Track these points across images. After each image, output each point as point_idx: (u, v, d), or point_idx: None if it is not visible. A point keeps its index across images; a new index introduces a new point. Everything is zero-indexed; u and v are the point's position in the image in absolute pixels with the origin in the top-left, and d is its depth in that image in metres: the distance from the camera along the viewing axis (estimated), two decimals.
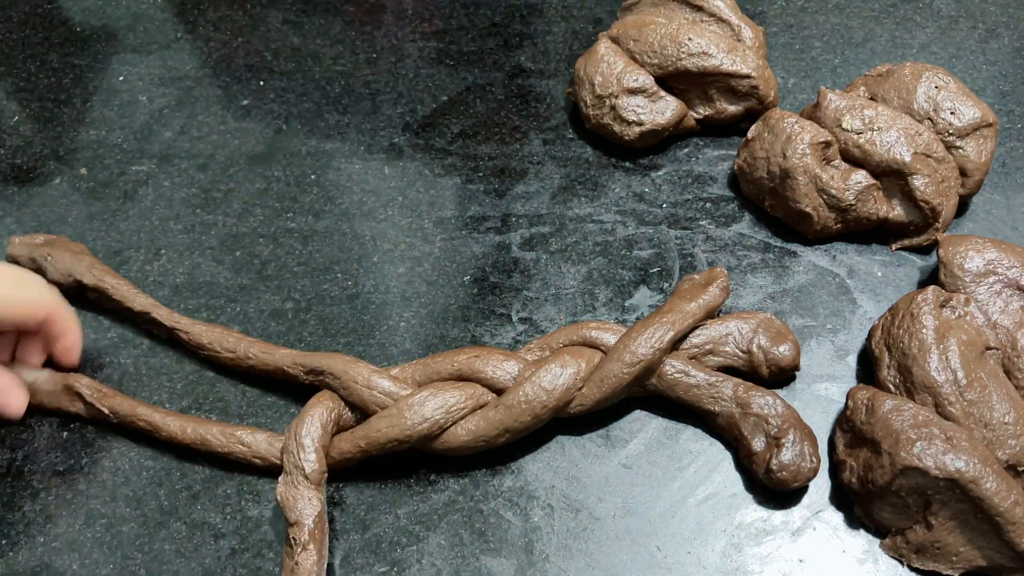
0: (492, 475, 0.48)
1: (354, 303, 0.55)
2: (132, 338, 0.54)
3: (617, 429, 0.49)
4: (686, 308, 0.48)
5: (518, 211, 0.59)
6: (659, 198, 0.59)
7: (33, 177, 0.62)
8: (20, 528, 0.47)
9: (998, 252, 0.50)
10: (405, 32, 0.71)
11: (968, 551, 0.43)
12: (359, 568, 0.45)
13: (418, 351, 0.53)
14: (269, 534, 0.47)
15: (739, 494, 0.47)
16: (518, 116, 0.65)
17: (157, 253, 0.58)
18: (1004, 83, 0.65)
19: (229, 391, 0.52)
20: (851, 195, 0.54)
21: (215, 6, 0.74)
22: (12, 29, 0.73)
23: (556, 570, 0.45)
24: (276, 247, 0.58)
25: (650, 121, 0.59)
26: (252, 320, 0.55)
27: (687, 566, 0.45)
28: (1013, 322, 0.48)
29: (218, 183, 0.62)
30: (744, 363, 0.49)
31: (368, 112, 0.66)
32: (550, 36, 0.70)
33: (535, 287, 0.56)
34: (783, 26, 0.69)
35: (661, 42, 0.59)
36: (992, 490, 0.41)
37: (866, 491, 0.44)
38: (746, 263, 0.56)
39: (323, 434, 0.45)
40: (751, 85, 0.59)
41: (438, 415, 0.46)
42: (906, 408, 0.44)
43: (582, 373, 0.47)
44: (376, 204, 0.60)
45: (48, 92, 0.68)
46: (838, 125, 0.54)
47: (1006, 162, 0.60)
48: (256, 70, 0.69)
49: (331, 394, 0.47)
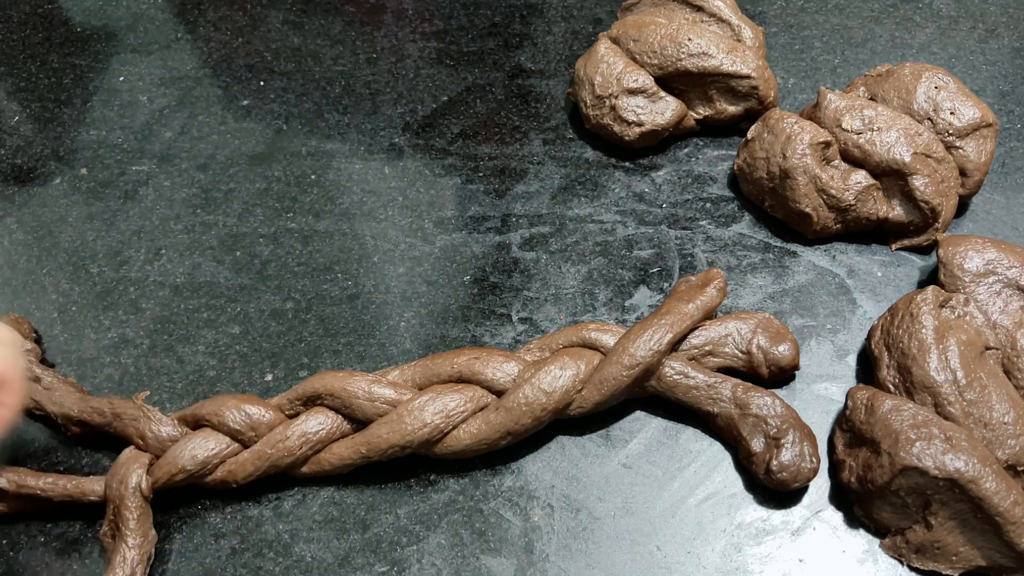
0: (492, 475, 0.48)
1: (354, 303, 0.55)
2: (132, 338, 0.54)
3: (617, 429, 0.49)
4: (684, 310, 0.48)
5: (518, 211, 0.59)
6: (659, 198, 0.59)
7: (33, 177, 0.62)
8: (20, 529, 0.47)
9: (998, 252, 0.50)
10: (405, 32, 0.71)
11: (968, 551, 0.43)
12: (359, 568, 0.45)
13: (418, 351, 0.53)
14: (269, 534, 0.47)
15: (739, 494, 0.47)
16: (518, 116, 0.65)
17: (157, 253, 0.58)
18: (1004, 83, 0.65)
19: (230, 391, 0.52)
20: (851, 195, 0.54)
21: (215, 6, 0.74)
22: (12, 29, 0.73)
23: (556, 570, 0.45)
24: (276, 247, 0.58)
25: (650, 121, 0.59)
26: (252, 320, 0.55)
27: (687, 566, 0.45)
28: (1013, 322, 0.48)
29: (218, 183, 0.62)
30: (744, 363, 0.49)
31: (368, 112, 0.66)
32: (550, 36, 0.70)
33: (535, 287, 0.56)
34: (783, 26, 0.69)
35: (661, 42, 0.59)
36: (991, 490, 0.41)
37: (866, 491, 0.44)
38: (746, 263, 0.56)
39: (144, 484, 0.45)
40: (751, 85, 0.59)
41: (438, 419, 0.46)
42: (906, 408, 0.44)
43: (581, 375, 0.47)
44: (376, 204, 0.60)
45: (48, 92, 0.68)
46: (838, 125, 0.54)
47: (1006, 162, 0.60)
48: (256, 70, 0.69)
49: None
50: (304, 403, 0.48)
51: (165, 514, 0.47)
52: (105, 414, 0.48)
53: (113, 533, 0.44)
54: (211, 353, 0.53)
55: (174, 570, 0.46)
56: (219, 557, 0.46)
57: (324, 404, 0.47)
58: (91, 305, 0.56)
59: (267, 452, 0.46)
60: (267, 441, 0.46)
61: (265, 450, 0.46)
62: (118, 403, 0.48)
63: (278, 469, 0.46)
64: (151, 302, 0.56)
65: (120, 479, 0.45)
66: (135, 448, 0.47)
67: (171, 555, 0.46)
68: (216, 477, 0.46)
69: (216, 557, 0.46)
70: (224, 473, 0.46)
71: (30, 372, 0.49)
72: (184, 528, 0.47)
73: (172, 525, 0.47)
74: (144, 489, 0.45)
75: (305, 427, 0.46)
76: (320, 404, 0.47)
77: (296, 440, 0.46)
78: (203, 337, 0.54)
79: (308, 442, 0.46)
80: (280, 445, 0.46)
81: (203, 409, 0.47)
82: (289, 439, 0.46)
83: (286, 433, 0.46)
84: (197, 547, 0.46)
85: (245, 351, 0.53)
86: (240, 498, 0.48)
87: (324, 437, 0.47)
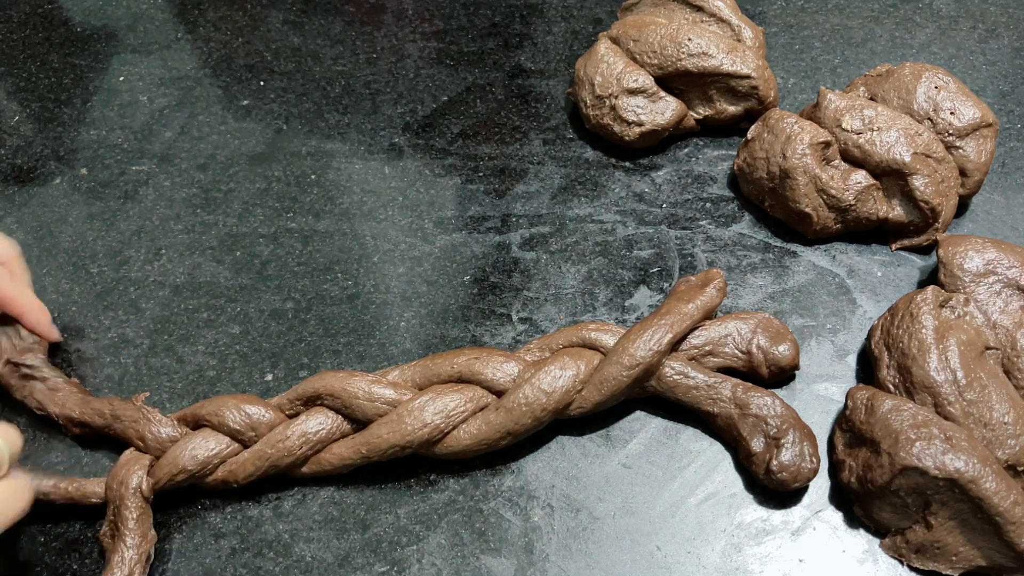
0: (492, 475, 0.48)
1: (354, 303, 0.55)
2: (132, 338, 0.54)
3: (617, 429, 0.49)
4: (684, 310, 0.48)
5: (518, 211, 0.59)
6: (659, 198, 0.59)
7: (33, 177, 0.62)
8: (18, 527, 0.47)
9: (998, 252, 0.50)
10: (405, 32, 0.71)
11: (968, 551, 0.43)
12: (359, 568, 0.45)
13: (418, 351, 0.53)
14: (269, 534, 0.47)
15: (739, 494, 0.47)
16: (518, 116, 0.65)
17: (157, 253, 0.58)
18: (1004, 83, 0.65)
19: (230, 391, 0.52)
20: (851, 195, 0.54)
21: (215, 6, 0.74)
22: (12, 29, 0.73)
23: (556, 570, 0.45)
24: (276, 247, 0.58)
25: (650, 121, 0.59)
26: (252, 320, 0.55)
27: (687, 566, 0.45)
28: (1013, 322, 0.48)
29: (218, 183, 0.62)
30: (744, 363, 0.49)
31: (368, 112, 0.66)
32: (550, 36, 0.70)
33: (535, 287, 0.56)
34: (783, 26, 0.69)
35: (661, 42, 0.59)
36: (991, 490, 0.41)
37: (865, 491, 0.44)
38: (746, 263, 0.56)
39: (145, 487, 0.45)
40: (751, 85, 0.59)
41: (438, 419, 0.46)
42: (905, 408, 0.44)
43: (581, 375, 0.47)
44: (376, 204, 0.60)
45: (48, 92, 0.68)
46: (838, 125, 0.54)
47: (1006, 162, 0.60)
48: (256, 70, 0.69)
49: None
50: (304, 403, 0.48)
51: (165, 514, 0.47)
52: (105, 416, 0.48)
53: (113, 533, 0.44)
54: (211, 353, 0.53)
55: (174, 570, 0.46)
56: (219, 557, 0.46)
57: (324, 404, 0.47)
58: (91, 305, 0.56)
59: (267, 452, 0.46)
60: (267, 441, 0.46)
61: (265, 450, 0.46)
62: (118, 404, 0.48)
63: (278, 469, 0.46)
64: (151, 302, 0.56)
65: (120, 480, 0.45)
66: (135, 450, 0.47)
67: (171, 555, 0.46)
68: (216, 477, 0.46)
69: (216, 557, 0.46)
70: (224, 473, 0.46)
71: (37, 372, 0.50)
72: (184, 528, 0.47)
73: (172, 525, 0.47)
74: (144, 490, 0.45)
75: (305, 427, 0.46)
76: (320, 404, 0.47)
77: (296, 440, 0.46)
78: (203, 337, 0.54)
79: (308, 442, 0.46)
80: (280, 445, 0.46)
81: (203, 409, 0.47)
82: (289, 439, 0.46)
83: (286, 433, 0.46)
84: (197, 547, 0.46)
85: (245, 351, 0.53)
86: (240, 498, 0.48)
87: (324, 437, 0.47)
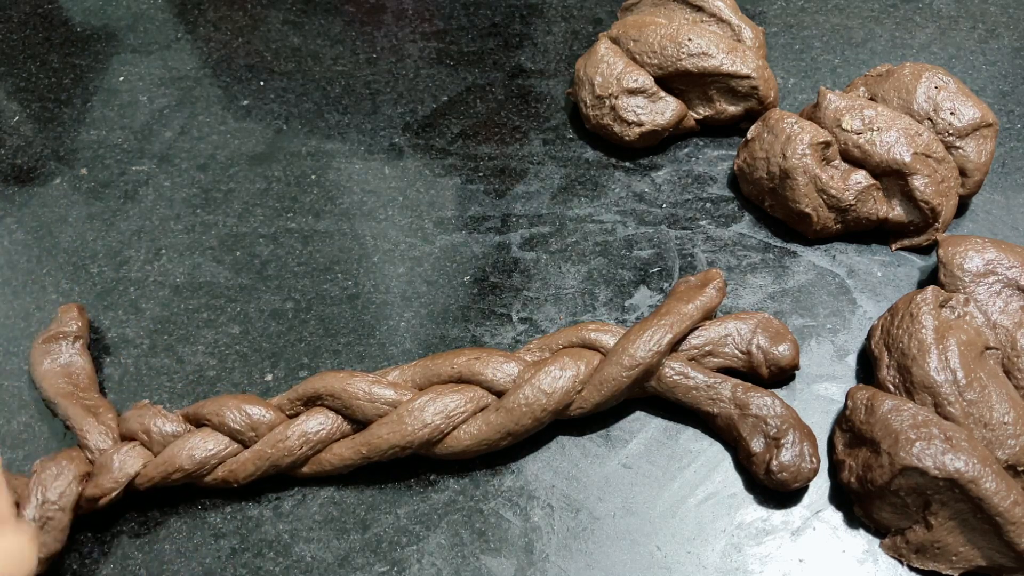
0: (492, 475, 0.48)
1: (354, 303, 0.55)
2: (132, 338, 0.54)
3: (617, 429, 0.49)
4: (683, 310, 0.48)
5: (518, 211, 0.59)
6: (659, 198, 0.59)
7: (33, 177, 0.62)
8: None
9: (998, 252, 0.50)
10: (405, 32, 0.71)
11: (968, 551, 0.43)
12: (359, 568, 0.45)
13: (418, 351, 0.53)
14: (269, 534, 0.47)
15: (739, 494, 0.47)
16: (518, 116, 0.65)
17: (157, 253, 0.58)
18: (1004, 83, 0.65)
19: (230, 391, 0.52)
20: (851, 195, 0.54)
21: (215, 6, 0.74)
22: (12, 29, 0.73)
23: (556, 570, 0.45)
24: (276, 247, 0.58)
25: (650, 121, 0.59)
26: (252, 320, 0.55)
27: (687, 566, 0.45)
28: (1013, 322, 0.48)
29: (218, 183, 0.62)
30: (744, 364, 0.49)
31: (368, 112, 0.66)
32: (550, 36, 0.70)
33: (535, 287, 0.56)
34: (783, 26, 0.69)
35: (661, 42, 0.59)
36: (991, 490, 0.41)
37: (865, 491, 0.44)
38: (746, 263, 0.56)
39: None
40: (751, 85, 0.59)
41: (438, 420, 0.46)
42: (905, 408, 0.44)
43: (581, 376, 0.47)
44: (376, 204, 0.60)
45: (48, 92, 0.68)
46: (838, 125, 0.54)
47: (1006, 162, 0.60)
48: (256, 70, 0.69)
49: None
50: (304, 403, 0.48)
51: (165, 514, 0.47)
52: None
53: None
54: (211, 353, 0.53)
55: (174, 570, 0.46)
56: (219, 557, 0.46)
57: (324, 404, 0.47)
58: (91, 305, 0.56)
59: (267, 452, 0.46)
60: (267, 441, 0.46)
61: (265, 450, 0.46)
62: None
63: (278, 469, 0.46)
64: (151, 302, 0.56)
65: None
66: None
67: (171, 555, 0.46)
68: (217, 477, 0.46)
69: (216, 557, 0.46)
70: (225, 473, 0.46)
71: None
72: (184, 528, 0.47)
73: (172, 525, 0.47)
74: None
75: (305, 427, 0.46)
76: (320, 404, 0.47)
77: (296, 440, 0.46)
78: (203, 337, 0.54)
79: (308, 442, 0.46)
80: (280, 445, 0.46)
81: (204, 408, 0.47)
82: (289, 439, 0.46)
83: (286, 433, 0.46)
84: (197, 547, 0.46)
85: (245, 351, 0.53)
86: (240, 498, 0.48)
87: (324, 437, 0.47)
